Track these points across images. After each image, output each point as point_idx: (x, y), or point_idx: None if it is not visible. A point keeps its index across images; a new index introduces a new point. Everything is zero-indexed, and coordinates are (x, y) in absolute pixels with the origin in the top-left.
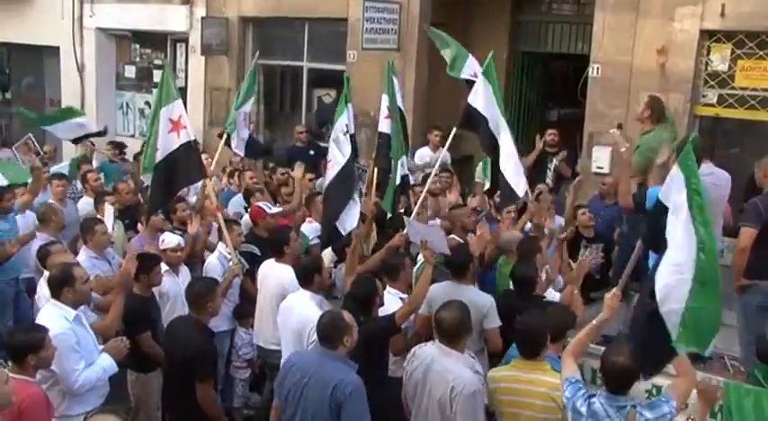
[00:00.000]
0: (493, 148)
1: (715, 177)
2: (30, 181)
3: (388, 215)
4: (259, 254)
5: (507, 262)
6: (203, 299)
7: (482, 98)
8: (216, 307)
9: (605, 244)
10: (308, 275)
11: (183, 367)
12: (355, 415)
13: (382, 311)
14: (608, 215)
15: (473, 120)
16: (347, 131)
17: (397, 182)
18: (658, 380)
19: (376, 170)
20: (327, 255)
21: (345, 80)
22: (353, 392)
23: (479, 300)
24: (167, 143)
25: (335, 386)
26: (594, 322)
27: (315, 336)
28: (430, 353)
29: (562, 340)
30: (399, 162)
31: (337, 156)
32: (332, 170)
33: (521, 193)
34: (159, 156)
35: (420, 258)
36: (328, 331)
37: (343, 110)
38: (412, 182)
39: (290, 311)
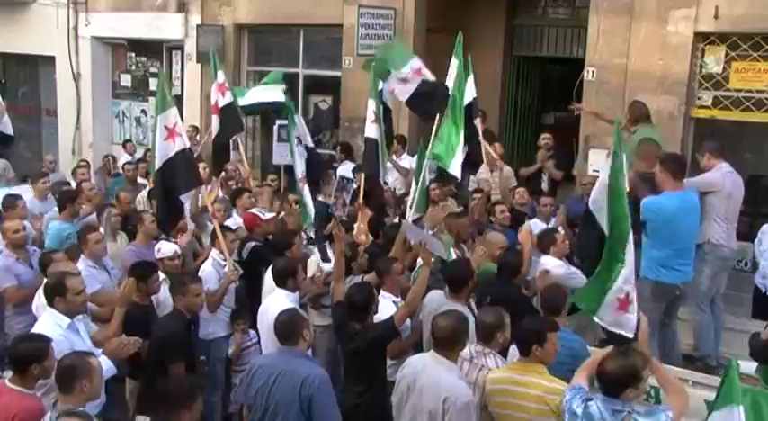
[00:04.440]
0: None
1: (736, 176)
2: None
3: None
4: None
5: None
6: (173, 291)
7: (452, 78)
8: (187, 303)
9: None
10: (284, 277)
11: (157, 352)
12: (325, 406)
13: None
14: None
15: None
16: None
17: (427, 183)
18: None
19: (363, 176)
20: (313, 263)
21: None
22: (321, 385)
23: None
24: (164, 150)
25: (304, 380)
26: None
27: None
28: (422, 361)
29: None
30: (425, 164)
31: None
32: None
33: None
34: (157, 164)
35: (419, 261)
36: (287, 329)
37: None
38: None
39: (265, 311)
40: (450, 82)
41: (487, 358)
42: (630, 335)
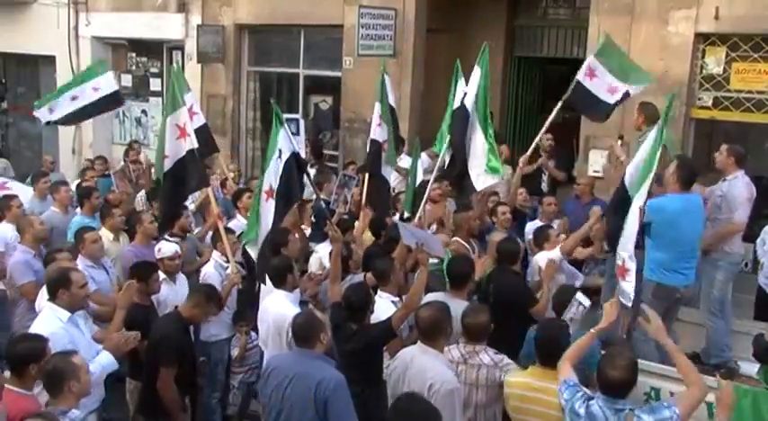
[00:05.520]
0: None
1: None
2: None
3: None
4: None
5: None
6: (190, 299)
7: (473, 89)
8: (194, 315)
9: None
10: (281, 275)
11: (154, 353)
12: (341, 409)
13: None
14: (585, 215)
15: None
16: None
17: (417, 182)
18: (657, 382)
19: (367, 176)
20: (315, 262)
21: (274, 104)
22: (337, 387)
23: None
24: (177, 149)
25: (319, 383)
26: (593, 330)
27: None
28: (411, 352)
29: None
30: (419, 163)
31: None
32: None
33: (479, 187)
34: (169, 163)
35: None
36: (304, 331)
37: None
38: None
39: (265, 312)
40: (469, 90)
41: (481, 356)
42: (629, 304)
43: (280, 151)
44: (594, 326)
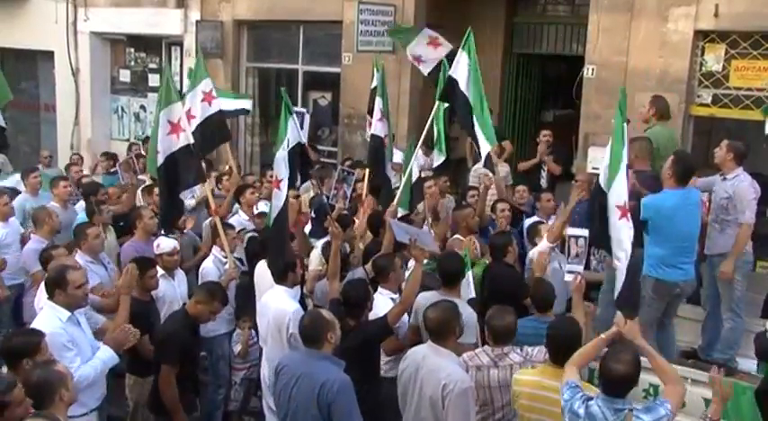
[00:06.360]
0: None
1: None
2: None
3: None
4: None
5: None
6: (199, 298)
7: (464, 74)
8: (201, 312)
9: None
10: (282, 271)
11: (159, 350)
12: (344, 411)
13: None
14: (583, 210)
15: (451, 93)
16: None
17: (414, 179)
18: (656, 379)
19: (367, 171)
20: (316, 257)
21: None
22: (341, 389)
23: (462, 314)
24: (167, 145)
25: (322, 385)
26: (603, 336)
27: (293, 330)
28: (422, 351)
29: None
30: (414, 160)
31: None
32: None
33: (483, 153)
34: (160, 159)
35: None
36: (311, 331)
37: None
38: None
39: (265, 308)
40: (457, 75)
41: (511, 356)
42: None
43: (288, 141)
44: (598, 327)
